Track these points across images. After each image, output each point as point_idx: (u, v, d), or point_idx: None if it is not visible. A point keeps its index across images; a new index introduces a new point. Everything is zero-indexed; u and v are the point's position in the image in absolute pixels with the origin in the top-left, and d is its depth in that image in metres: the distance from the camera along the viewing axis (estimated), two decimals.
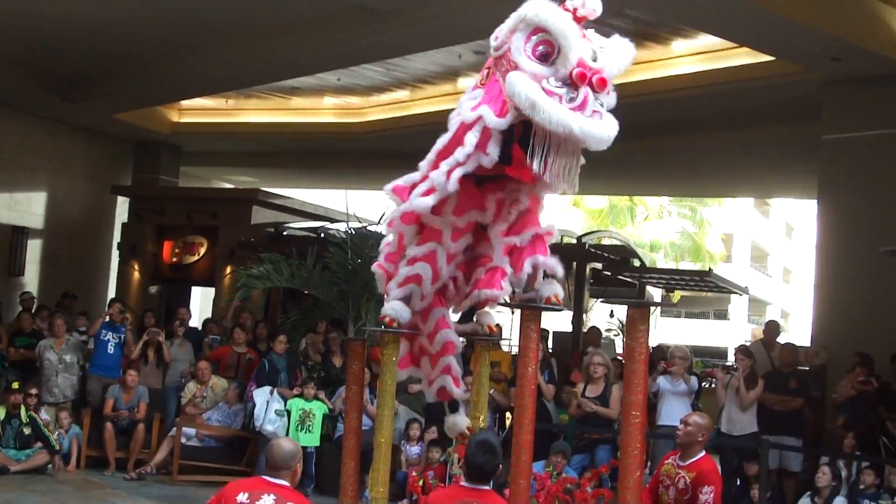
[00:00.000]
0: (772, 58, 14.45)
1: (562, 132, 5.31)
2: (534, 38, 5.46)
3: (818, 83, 14.75)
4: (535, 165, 5.50)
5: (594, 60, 5.47)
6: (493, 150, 5.60)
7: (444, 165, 5.88)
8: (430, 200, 6.07)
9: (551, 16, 5.41)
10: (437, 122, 20.30)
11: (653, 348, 14.11)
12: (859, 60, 13.65)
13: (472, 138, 5.69)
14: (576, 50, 5.40)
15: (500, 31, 5.72)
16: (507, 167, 5.86)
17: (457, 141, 5.85)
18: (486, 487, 5.63)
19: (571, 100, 5.35)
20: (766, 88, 15.50)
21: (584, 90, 5.37)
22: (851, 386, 12.81)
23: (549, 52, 5.42)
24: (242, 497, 5.62)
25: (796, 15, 12.43)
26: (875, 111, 14.30)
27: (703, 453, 7.55)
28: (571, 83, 5.38)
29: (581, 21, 5.53)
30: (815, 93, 14.96)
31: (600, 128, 5.36)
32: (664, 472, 7.58)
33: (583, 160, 5.75)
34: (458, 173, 5.80)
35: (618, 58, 5.55)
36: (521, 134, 5.65)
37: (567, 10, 5.51)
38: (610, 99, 5.47)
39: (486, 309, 7.21)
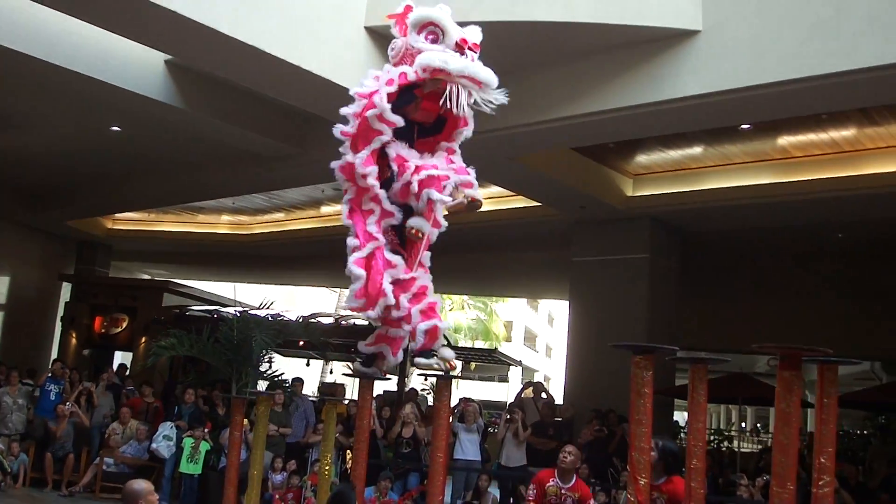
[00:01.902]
0: (538, 203, 14.78)
1: (466, 73, 5.40)
2: (423, 32, 5.59)
3: (570, 222, 15.13)
4: (454, 100, 5.43)
5: None
6: (410, 80, 5.51)
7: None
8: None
9: (432, 12, 5.60)
10: (305, 236, 20.27)
11: (460, 400, 14.18)
12: (597, 208, 14.11)
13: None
14: (454, 29, 5.59)
15: (395, 43, 5.82)
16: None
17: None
18: None
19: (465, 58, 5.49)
20: (535, 224, 15.79)
21: (469, 53, 5.54)
22: (590, 433, 13.05)
23: (436, 38, 5.56)
24: None
25: (555, 175, 12.79)
26: (608, 243, 14.77)
27: (576, 478, 7.43)
28: (458, 50, 5.52)
29: None
30: (567, 228, 15.35)
31: (488, 71, 5.50)
32: (550, 492, 7.30)
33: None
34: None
35: (476, 34, 5.68)
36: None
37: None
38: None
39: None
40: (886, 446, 15.62)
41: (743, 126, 11.59)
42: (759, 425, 33.23)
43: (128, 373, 18.27)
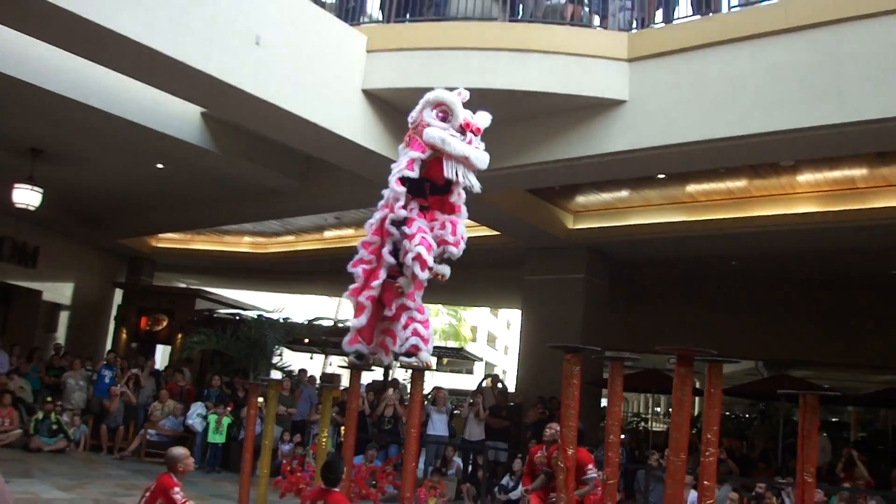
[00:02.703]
0: (498, 232, 14.83)
1: (461, 156, 5.31)
2: (435, 109, 5.47)
3: (523, 248, 15.26)
4: (448, 173, 5.35)
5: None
6: (416, 168, 5.43)
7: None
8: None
9: (445, 95, 5.49)
10: (310, 255, 20.06)
11: (433, 388, 14.26)
12: (545, 237, 14.22)
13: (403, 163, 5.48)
14: (461, 112, 5.45)
15: (414, 113, 5.66)
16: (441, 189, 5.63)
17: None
18: (335, 490, 5.60)
19: (463, 140, 5.37)
20: (495, 249, 15.71)
21: (469, 135, 5.40)
22: (535, 415, 13.16)
23: (445, 117, 5.44)
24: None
25: (511, 211, 12.85)
26: (553, 265, 14.88)
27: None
28: (461, 131, 5.39)
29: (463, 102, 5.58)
30: (521, 253, 15.47)
31: (482, 155, 5.40)
32: (537, 462, 7.16)
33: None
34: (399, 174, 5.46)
35: (484, 120, 5.58)
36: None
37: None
38: (481, 142, 5.49)
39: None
40: (764, 427, 15.83)
41: (659, 175, 11.73)
42: (670, 409, 33.35)
43: (167, 365, 18.21)
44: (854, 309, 16.20)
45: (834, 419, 22.98)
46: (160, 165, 13.60)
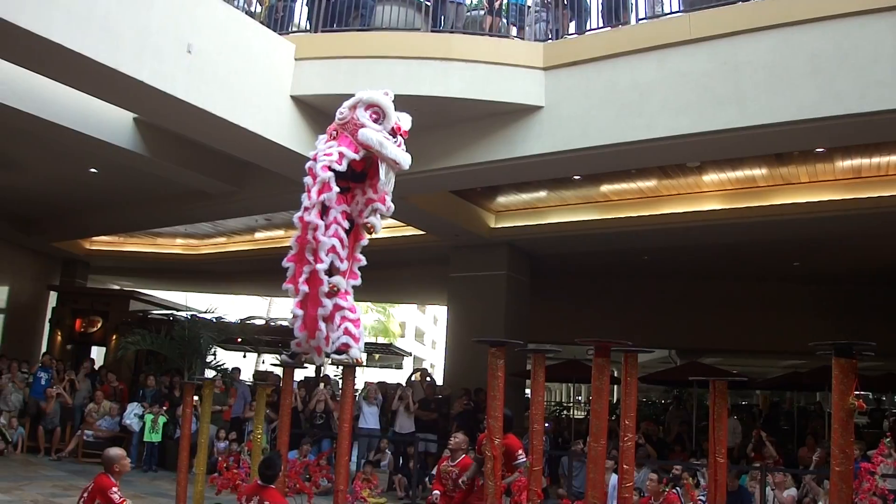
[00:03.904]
0: (424, 232, 14.89)
1: (393, 160, 5.48)
2: (369, 110, 5.57)
3: (449, 246, 15.29)
4: (381, 175, 5.53)
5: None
6: (344, 164, 5.46)
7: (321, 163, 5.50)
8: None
9: (380, 98, 5.60)
10: (242, 256, 19.74)
11: (364, 382, 14.19)
12: (468, 236, 14.34)
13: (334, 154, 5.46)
14: (394, 116, 5.60)
15: (343, 109, 5.69)
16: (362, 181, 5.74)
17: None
18: (270, 486, 5.51)
19: (395, 142, 5.54)
20: (421, 247, 15.87)
21: (399, 138, 5.60)
22: (460, 406, 13.23)
23: (378, 118, 5.56)
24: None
25: (436, 211, 12.92)
26: (476, 262, 14.99)
27: (464, 455, 7.30)
28: (392, 134, 5.55)
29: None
30: (446, 251, 15.51)
31: (407, 157, 5.60)
32: (443, 472, 7.28)
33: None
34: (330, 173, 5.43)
35: (407, 122, 5.74)
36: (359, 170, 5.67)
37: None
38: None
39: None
40: (678, 411, 16.25)
41: (575, 176, 11.92)
42: (591, 398, 33.74)
43: (101, 365, 17.68)
44: (759, 299, 16.84)
45: (744, 402, 23.77)
46: (93, 169, 13.22)
